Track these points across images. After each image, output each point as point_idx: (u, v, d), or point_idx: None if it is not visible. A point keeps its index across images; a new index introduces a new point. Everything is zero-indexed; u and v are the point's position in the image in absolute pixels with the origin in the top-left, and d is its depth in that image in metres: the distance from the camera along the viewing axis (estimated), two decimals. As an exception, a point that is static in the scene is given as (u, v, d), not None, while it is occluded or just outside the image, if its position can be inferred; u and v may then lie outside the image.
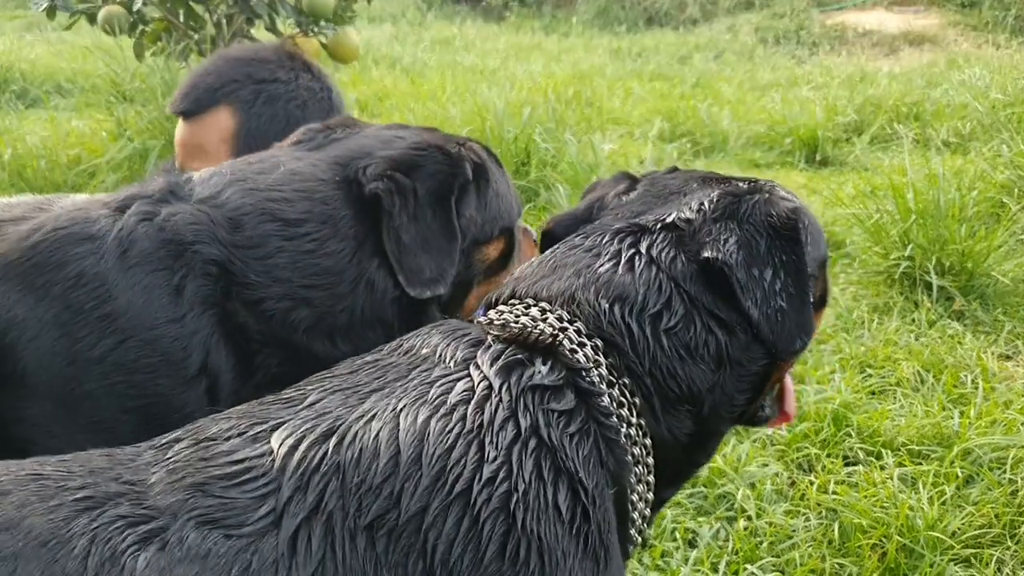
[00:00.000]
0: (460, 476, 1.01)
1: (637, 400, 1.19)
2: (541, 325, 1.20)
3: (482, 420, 1.06)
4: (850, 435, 2.97)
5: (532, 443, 1.06)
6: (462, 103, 7.56)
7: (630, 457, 1.17)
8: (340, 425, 1.04)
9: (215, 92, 2.16)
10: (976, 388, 3.22)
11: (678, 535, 2.52)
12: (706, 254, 1.24)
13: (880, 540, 2.48)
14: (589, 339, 1.19)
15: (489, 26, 16.64)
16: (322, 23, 6.03)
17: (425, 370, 1.13)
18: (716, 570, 2.41)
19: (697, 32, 14.91)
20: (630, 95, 9.20)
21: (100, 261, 1.42)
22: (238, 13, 5.91)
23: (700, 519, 2.61)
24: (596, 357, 1.18)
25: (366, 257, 1.49)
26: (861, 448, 2.92)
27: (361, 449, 1.01)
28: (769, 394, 1.44)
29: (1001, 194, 4.89)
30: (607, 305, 1.22)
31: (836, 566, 2.43)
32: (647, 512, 1.24)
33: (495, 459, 1.02)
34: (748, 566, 2.42)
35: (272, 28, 6.26)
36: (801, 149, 6.97)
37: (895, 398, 3.25)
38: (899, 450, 2.89)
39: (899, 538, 2.44)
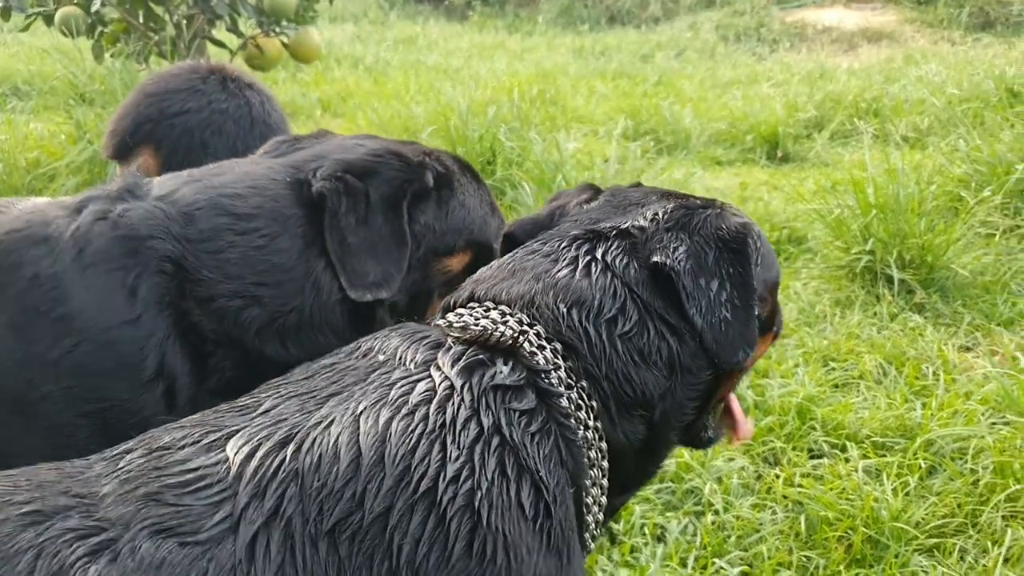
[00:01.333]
0: (424, 475, 1.01)
1: (594, 403, 1.21)
2: (502, 327, 1.21)
3: (444, 420, 1.06)
4: (815, 428, 3.00)
5: (495, 441, 1.06)
6: (426, 102, 7.54)
7: (586, 459, 1.18)
8: (297, 432, 1.03)
9: (133, 136, 2.19)
10: (937, 380, 3.27)
11: (647, 530, 2.54)
12: (655, 259, 1.28)
13: (846, 532, 2.51)
14: (549, 342, 1.21)
15: (452, 25, 16.61)
16: (283, 23, 6.01)
17: (384, 373, 1.13)
18: (685, 565, 2.43)
19: (659, 30, 14.99)
20: (594, 93, 9.23)
21: (55, 262, 1.40)
22: (199, 14, 5.86)
23: (668, 514, 2.63)
24: (555, 360, 1.20)
25: (314, 256, 1.48)
26: (826, 441, 2.95)
27: (320, 455, 1.01)
28: (713, 413, 1.48)
29: (959, 188, 4.97)
30: (565, 309, 1.24)
31: (803, 559, 2.46)
32: (600, 517, 1.25)
33: (458, 458, 1.03)
34: (716, 560, 2.44)
35: (233, 29, 6.22)
36: (762, 146, 7.04)
37: (858, 391, 3.29)
38: (863, 442, 2.93)
39: (864, 529, 2.47)
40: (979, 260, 4.28)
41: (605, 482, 1.23)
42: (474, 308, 1.28)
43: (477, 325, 1.22)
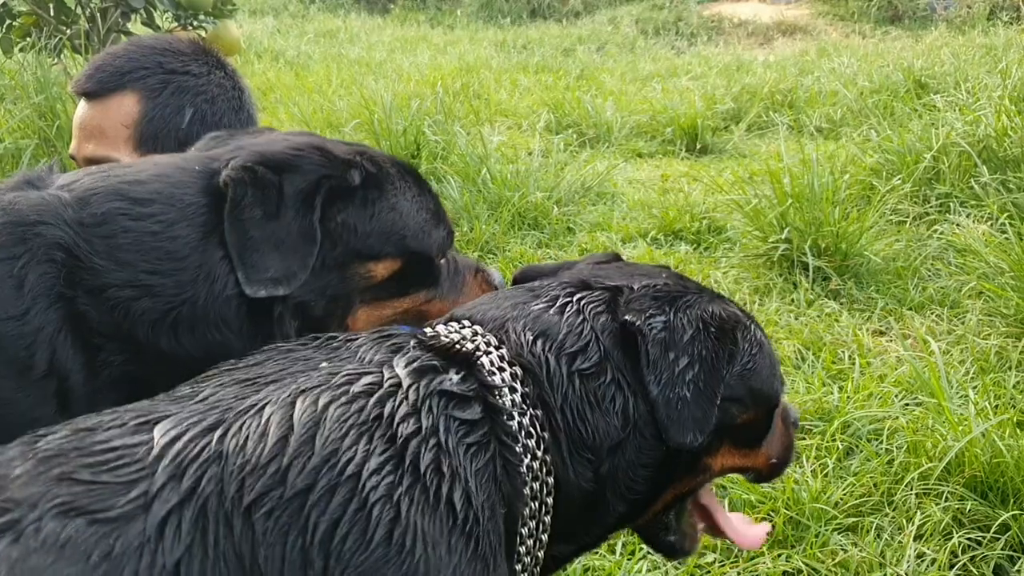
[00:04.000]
0: (351, 460, 1.01)
1: (546, 435, 1.20)
2: (466, 342, 1.22)
3: (381, 413, 1.06)
4: (737, 414, 3.07)
5: (428, 443, 1.07)
6: (349, 96, 7.49)
7: (528, 490, 1.17)
8: (228, 417, 1.03)
9: (123, 76, 2.09)
10: (853, 364, 3.37)
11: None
12: (627, 317, 1.27)
13: (768, 514, 2.57)
14: (510, 365, 1.21)
15: (373, 19, 16.50)
16: (201, 17, 5.90)
17: (335, 365, 1.14)
18: (614, 551, 2.47)
19: (580, 24, 15.11)
20: (517, 87, 9.28)
21: None
22: (113, 7, 5.72)
23: (597, 502, 2.67)
24: (512, 383, 1.19)
25: (212, 247, 1.37)
26: (748, 426, 3.02)
27: (248, 436, 1.00)
28: (674, 513, 1.45)
29: (871, 177, 5.12)
30: (531, 337, 1.25)
31: (728, 542, 2.51)
32: (539, 554, 1.23)
33: (384, 451, 1.03)
34: (644, 546, 2.48)
35: (149, 22, 6.09)
36: (682, 138, 7.15)
37: (778, 376, 3.37)
38: (783, 426, 3.01)
39: (786, 511, 2.54)
40: (891, 247, 4.42)
41: (548, 519, 1.22)
42: (450, 325, 1.29)
43: (446, 337, 1.23)
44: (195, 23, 5.92)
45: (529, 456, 1.16)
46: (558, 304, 1.31)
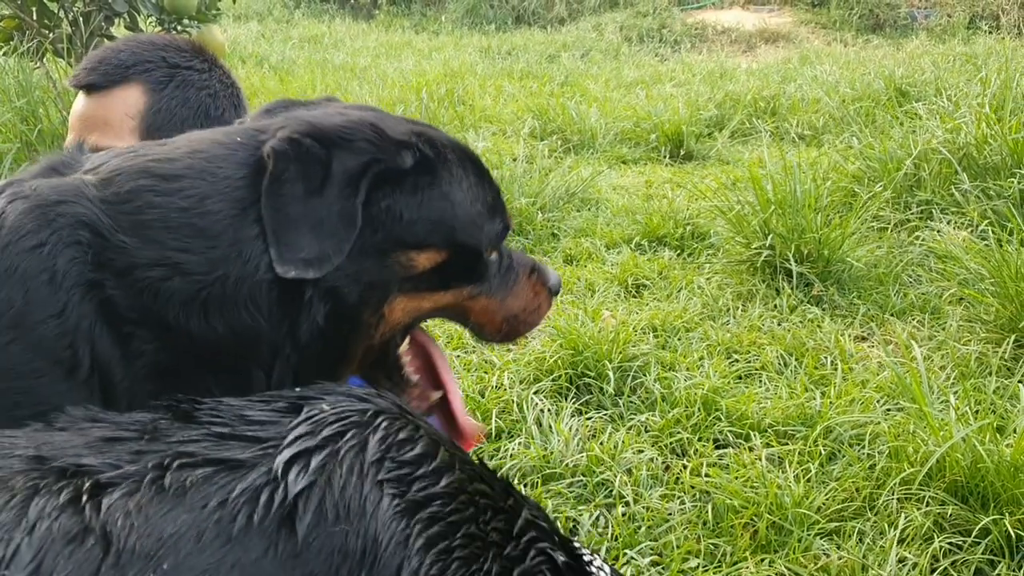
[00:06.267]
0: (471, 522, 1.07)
1: None
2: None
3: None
4: (720, 419, 3.08)
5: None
6: (332, 102, 7.47)
7: None
8: (376, 406, 1.07)
9: (127, 68, 2.11)
10: (835, 369, 3.39)
11: (559, 524, 2.57)
12: None
13: (751, 519, 2.58)
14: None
15: (358, 24, 16.49)
16: (185, 21, 5.89)
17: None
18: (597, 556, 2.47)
19: (564, 31, 15.16)
20: (501, 93, 9.29)
21: None
22: (96, 11, 5.70)
23: (580, 507, 2.67)
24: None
25: (247, 223, 1.31)
26: (730, 431, 3.03)
27: (393, 428, 1.05)
28: None
29: (853, 184, 5.16)
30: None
31: (711, 546, 2.52)
32: None
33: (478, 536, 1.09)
34: (627, 551, 2.49)
35: (132, 27, 6.07)
36: (666, 144, 7.18)
37: (761, 381, 3.39)
38: (766, 431, 3.02)
39: (769, 516, 2.55)
40: (872, 253, 4.44)
41: None
42: None
43: None
44: (179, 28, 5.91)
45: None
46: None
